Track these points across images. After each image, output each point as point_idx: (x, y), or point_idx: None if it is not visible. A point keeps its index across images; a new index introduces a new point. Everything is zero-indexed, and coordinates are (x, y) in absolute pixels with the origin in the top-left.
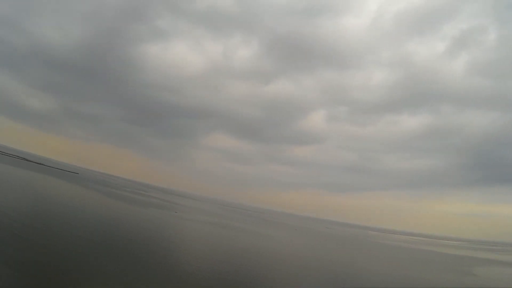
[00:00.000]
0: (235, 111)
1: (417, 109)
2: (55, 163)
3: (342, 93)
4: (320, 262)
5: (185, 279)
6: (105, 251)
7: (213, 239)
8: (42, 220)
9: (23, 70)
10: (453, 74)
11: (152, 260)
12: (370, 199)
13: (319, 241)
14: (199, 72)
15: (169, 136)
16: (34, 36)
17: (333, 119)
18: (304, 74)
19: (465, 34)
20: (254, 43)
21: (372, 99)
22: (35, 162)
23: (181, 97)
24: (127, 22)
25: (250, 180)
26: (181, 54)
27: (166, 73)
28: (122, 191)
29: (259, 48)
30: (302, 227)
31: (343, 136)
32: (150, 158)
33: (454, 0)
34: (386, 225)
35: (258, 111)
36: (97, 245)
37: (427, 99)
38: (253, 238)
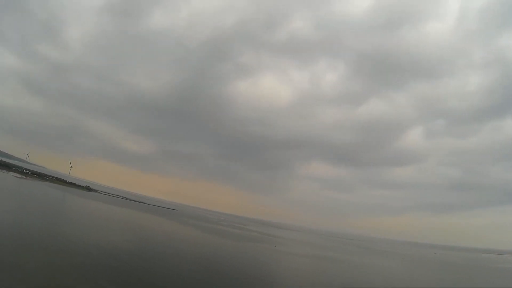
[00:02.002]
0: (329, 138)
1: None
2: (155, 201)
3: (438, 105)
4: None
5: None
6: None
7: (316, 273)
8: (144, 257)
9: (122, 117)
10: None
11: None
12: (479, 217)
13: (434, 270)
14: (288, 102)
15: (264, 168)
16: (129, 86)
17: (431, 134)
18: (395, 91)
19: None
20: (339, 66)
21: (470, 106)
22: (136, 201)
23: (274, 129)
24: (212, 63)
25: (348, 207)
26: (269, 87)
27: (257, 107)
28: (220, 226)
29: (346, 70)
30: (408, 254)
31: (444, 151)
32: (247, 191)
33: None
34: (500, 246)
35: (352, 134)
36: (197, 281)
37: None
38: (360, 270)
